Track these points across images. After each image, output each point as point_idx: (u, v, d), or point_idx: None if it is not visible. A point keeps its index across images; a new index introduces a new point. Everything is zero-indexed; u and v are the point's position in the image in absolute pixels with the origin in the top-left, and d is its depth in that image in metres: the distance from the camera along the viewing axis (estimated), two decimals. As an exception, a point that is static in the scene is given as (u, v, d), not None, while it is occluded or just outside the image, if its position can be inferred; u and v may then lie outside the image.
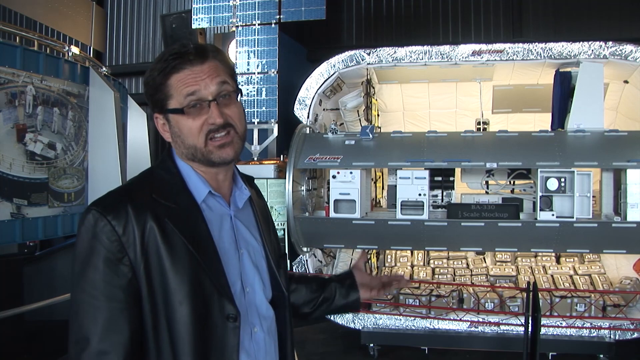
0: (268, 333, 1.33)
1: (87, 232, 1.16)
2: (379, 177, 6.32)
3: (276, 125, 6.58)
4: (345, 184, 4.88)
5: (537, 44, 5.03)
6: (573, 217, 4.52)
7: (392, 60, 5.27)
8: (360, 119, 5.96)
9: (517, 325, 4.86)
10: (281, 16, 6.68)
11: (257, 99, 6.67)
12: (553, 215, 4.54)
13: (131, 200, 1.18)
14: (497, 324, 4.98)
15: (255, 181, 1.56)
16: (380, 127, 6.23)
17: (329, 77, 5.46)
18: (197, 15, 6.97)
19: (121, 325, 1.14)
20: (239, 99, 1.32)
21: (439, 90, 6.19)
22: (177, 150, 1.30)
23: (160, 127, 1.31)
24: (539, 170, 4.58)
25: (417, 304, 5.28)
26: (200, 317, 1.18)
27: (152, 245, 1.17)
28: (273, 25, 6.73)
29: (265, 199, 1.56)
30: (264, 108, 6.65)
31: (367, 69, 5.46)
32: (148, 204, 1.20)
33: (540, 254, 5.93)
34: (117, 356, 1.13)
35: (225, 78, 1.27)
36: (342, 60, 5.38)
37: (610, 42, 4.83)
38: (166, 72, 1.24)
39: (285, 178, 4.93)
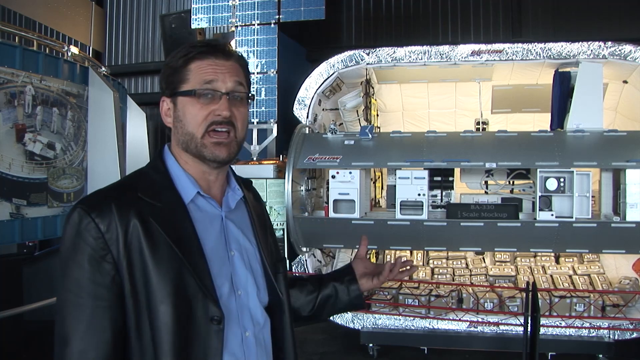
0: (261, 338, 1.30)
1: (71, 230, 1.15)
2: (379, 177, 6.32)
3: (275, 125, 6.58)
4: (345, 184, 4.88)
5: (536, 44, 5.03)
6: (572, 217, 4.53)
7: (392, 60, 5.27)
8: (359, 119, 5.95)
9: (516, 325, 4.86)
10: (280, 16, 6.69)
11: (256, 99, 6.67)
12: (552, 215, 4.55)
13: (116, 199, 1.18)
14: (497, 324, 4.99)
15: (255, 181, 1.54)
16: (379, 127, 6.24)
17: (328, 77, 5.46)
18: (196, 15, 6.97)
19: (103, 324, 1.13)
20: (248, 105, 1.34)
21: (439, 90, 6.19)
22: (174, 137, 1.30)
23: (164, 111, 1.31)
24: (538, 170, 4.58)
25: (417, 304, 5.28)
26: (182, 318, 1.16)
27: (135, 243, 1.16)
28: (272, 25, 6.73)
29: (265, 200, 1.56)
30: (263, 108, 6.65)
31: (366, 69, 5.46)
32: (133, 202, 1.19)
33: (539, 254, 5.93)
34: (98, 355, 1.12)
35: (242, 81, 1.30)
36: (342, 60, 5.38)
37: (610, 42, 4.83)
38: (189, 57, 1.26)
39: (284, 178, 4.92)
